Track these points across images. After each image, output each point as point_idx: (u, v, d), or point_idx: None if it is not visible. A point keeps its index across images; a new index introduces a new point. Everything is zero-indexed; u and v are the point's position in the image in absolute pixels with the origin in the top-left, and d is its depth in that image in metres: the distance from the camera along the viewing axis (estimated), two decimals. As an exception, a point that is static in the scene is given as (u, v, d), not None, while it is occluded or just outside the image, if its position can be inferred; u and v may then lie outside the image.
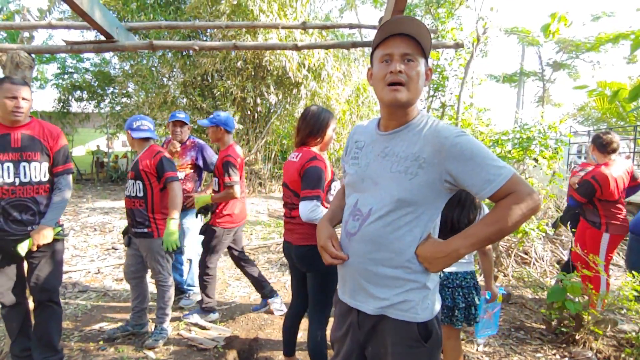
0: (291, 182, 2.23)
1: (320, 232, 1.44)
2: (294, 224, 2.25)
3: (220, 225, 3.14)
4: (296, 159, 2.21)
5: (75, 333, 3.04)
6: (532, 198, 1.15)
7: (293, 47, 3.03)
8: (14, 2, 13.72)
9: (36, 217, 2.31)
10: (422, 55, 1.24)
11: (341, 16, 19.46)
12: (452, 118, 7.12)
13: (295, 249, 2.25)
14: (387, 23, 1.23)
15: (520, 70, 21.44)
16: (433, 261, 1.21)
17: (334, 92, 10.26)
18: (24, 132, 2.28)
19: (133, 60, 10.95)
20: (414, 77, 1.22)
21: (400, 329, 1.26)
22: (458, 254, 1.19)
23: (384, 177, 1.27)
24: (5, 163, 2.22)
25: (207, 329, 3.12)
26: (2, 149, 2.22)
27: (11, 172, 2.23)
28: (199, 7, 9.02)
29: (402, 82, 1.21)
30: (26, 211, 2.27)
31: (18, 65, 2.61)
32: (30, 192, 2.28)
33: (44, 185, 2.33)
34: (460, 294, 2.15)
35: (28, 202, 2.28)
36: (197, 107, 10.24)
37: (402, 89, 1.21)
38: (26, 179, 2.26)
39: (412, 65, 1.22)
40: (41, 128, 2.35)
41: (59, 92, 14.87)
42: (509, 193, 1.15)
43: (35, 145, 2.29)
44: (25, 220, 2.27)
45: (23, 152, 2.26)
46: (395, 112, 1.28)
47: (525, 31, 18.42)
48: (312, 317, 2.27)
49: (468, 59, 7.21)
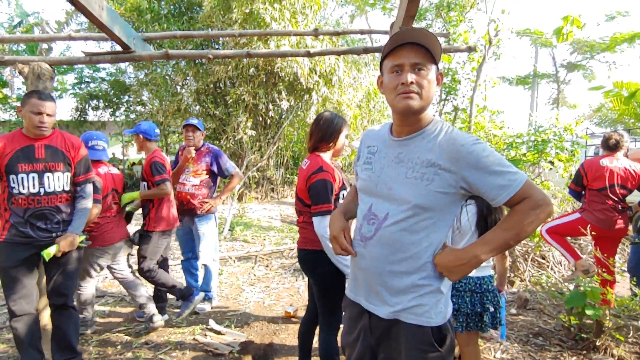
0: (299, 189, 2.23)
1: (334, 223, 1.47)
2: (301, 228, 2.28)
3: (156, 229, 3.22)
4: (305, 166, 2.22)
5: (93, 337, 3.09)
6: (546, 202, 1.17)
7: (305, 53, 3.06)
8: (33, 15, 14.12)
9: (60, 224, 2.37)
10: (432, 62, 1.25)
11: (351, 22, 19.54)
12: (465, 122, 7.06)
13: (299, 252, 2.30)
14: (396, 34, 1.24)
15: (533, 72, 21.18)
16: (453, 269, 1.22)
17: (345, 97, 10.29)
18: (47, 143, 2.35)
19: (147, 69, 11.17)
20: (426, 85, 1.22)
21: (414, 334, 1.26)
22: (478, 260, 1.20)
23: (399, 183, 1.28)
24: (30, 174, 2.29)
25: (222, 333, 3.14)
26: (27, 160, 2.29)
27: (36, 183, 2.30)
28: (212, 16, 9.17)
29: (415, 92, 1.22)
30: (51, 219, 2.34)
31: (39, 77, 2.69)
32: (54, 202, 2.35)
33: (66, 194, 2.41)
34: (489, 298, 2.13)
35: (52, 210, 2.34)
36: (210, 114, 10.38)
37: (415, 97, 1.22)
38: (50, 189, 2.33)
39: (422, 74, 1.23)
40: (63, 139, 2.42)
41: (76, 102, 15.24)
42: (523, 198, 1.17)
43: (57, 156, 2.36)
44: (50, 228, 2.34)
45: (47, 163, 2.33)
46: (408, 118, 1.29)
47: (538, 32, 18.21)
48: (320, 323, 2.27)
49: (480, 62, 7.17)
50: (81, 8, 2.19)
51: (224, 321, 3.42)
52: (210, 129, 10.62)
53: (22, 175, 2.27)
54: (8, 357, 2.78)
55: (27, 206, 2.29)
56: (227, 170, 3.59)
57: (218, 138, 10.25)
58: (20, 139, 2.32)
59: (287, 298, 4.02)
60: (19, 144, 2.30)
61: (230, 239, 6.50)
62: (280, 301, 3.93)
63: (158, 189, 3.13)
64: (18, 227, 2.29)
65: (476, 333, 2.18)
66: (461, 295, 2.15)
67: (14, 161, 2.27)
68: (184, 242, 3.72)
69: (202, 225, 3.55)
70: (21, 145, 2.30)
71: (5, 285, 2.33)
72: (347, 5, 18.33)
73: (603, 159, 3.44)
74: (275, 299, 4.01)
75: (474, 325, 2.12)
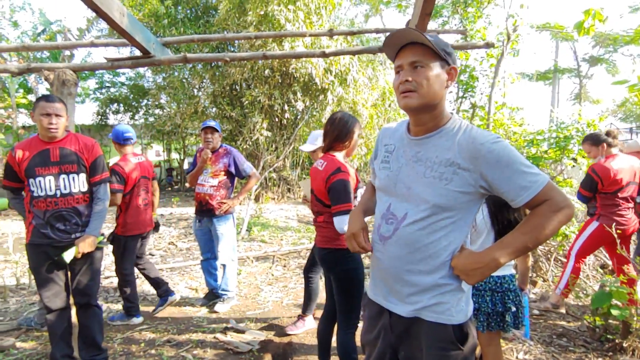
0: (318, 190, 2.26)
1: (353, 221, 1.47)
2: (318, 227, 2.33)
3: (125, 234, 3.32)
4: (321, 167, 2.24)
5: (117, 335, 3.17)
6: (567, 205, 1.15)
7: (321, 54, 3.07)
8: (56, 23, 14.56)
9: (79, 225, 2.44)
10: (434, 58, 1.23)
11: (366, 21, 19.46)
12: (483, 119, 6.95)
13: (318, 251, 2.33)
14: (387, 37, 1.27)
15: (554, 66, 20.68)
16: (470, 272, 1.21)
17: (360, 96, 10.25)
18: (61, 146, 2.42)
19: (165, 73, 11.38)
20: (423, 82, 1.22)
21: (435, 332, 1.25)
22: (496, 264, 1.19)
23: (417, 182, 1.27)
24: (46, 177, 2.36)
25: (242, 332, 3.18)
26: (43, 163, 2.37)
27: (52, 185, 2.37)
28: (227, 19, 9.28)
29: (412, 90, 1.23)
30: (69, 221, 2.41)
31: (64, 83, 2.79)
32: (71, 203, 2.42)
33: (83, 195, 2.47)
34: (510, 298, 2.10)
35: (70, 212, 2.41)
36: (227, 116, 10.49)
37: (413, 95, 1.23)
38: (66, 191, 2.40)
39: (420, 71, 1.22)
40: (77, 141, 2.49)
41: (97, 106, 15.64)
42: (544, 200, 1.16)
43: (72, 158, 2.43)
44: (68, 229, 2.41)
45: (62, 165, 2.39)
46: (417, 117, 1.29)
47: (558, 27, 17.76)
48: (338, 321, 2.28)
49: (498, 58, 7.04)
50: (103, 15, 2.26)
51: (243, 320, 3.47)
52: (227, 131, 10.75)
53: (40, 179, 2.35)
54: (37, 353, 2.88)
55: (46, 208, 2.37)
56: (245, 171, 3.64)
57: (234, 139, 10.36)
58: (37, 144, 2.40)
59: (305, 298, 4.04)
60: (36, 149, 2.39)
61: (248, 239, 6.57)
62: (298, 300, 3.95)
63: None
64: (40, 229, 2.38)
65: (498, 333, 2.15)
66: (481, 294, 2.12)
67: (31, 165, 2.36)
68: (202, 242, 3.78)
69: (221, 226, 3.60)
70: (37, 150, 2.38)
71: (38, 284, 2.43)
72: (361, 4, 18.27)
73: (612, 162, 3.31)
74: (293, 298, 4.04)
75: (495, 325, 2.09)
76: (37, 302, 3.26)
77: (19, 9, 14.82)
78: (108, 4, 2.27)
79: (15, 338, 3.09)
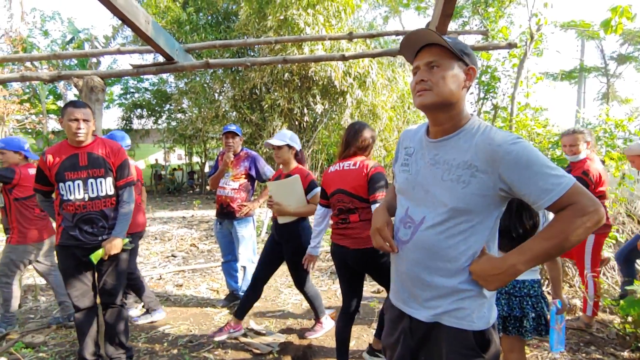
0: (357, 186, 2.35)
1: (378, 216, 1.46)
2: (351, 229, 2.38)
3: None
4: (355, 166, 2.40)
5: (142, 335, 3.25)
6: (595, 210, 1.08)
7: (340, 57, 3.08)
8: (83, 32, 15.11)
9: (105, 228, 2.52)
10: (452, 58, 1.23)
11: (385, 23, 19.39)
12: (506, 120, 6.81)
13: (352, 253, 2.38)
14: (405, 40, 1.29)
15: (580, 66, 20.09)
16: (488, 278, 1.18)
17: (379, 99, 10.22)
18: (89, 151, 2.50)
19: (187, 78, 11.64)
20: (439, 81, 1.21)
21: (455, 337, 1.23)
22: (515, 271, 1.14)
23: (435, 186, 1.25)
24: (75, 181, 2.45)
25: (262, 334, 3.21)
26: (73, 168, 2.45)
27: (81, 189, 2.45)
28: (247, 24, 9.42)
29: (427, 89, 1.23)
30: (96, 223, 2.49)
31: (92, 89, 2.88)
32: (98, 206, 2.49)
33: (110, 198, 2.54)
34: (529, 303, 2.04)
35: (97, 215, 2.49)
36: (247, 119, 10.63)
37: (426, 93, 1.23)
38: (94, 194, 2.48)
39: (436, 71, 1.22)
40: (103, 145, 2.57)
41: (122, 111, 16.11)
42: (569, 204, 1.09)
43: (99, 162, 2.50)
44: (96, 231, 2.49)
45: (90, 169, 2.47)
46: (434, 116, 1.28)
47: (584, 25, 17.26)
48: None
49: (521, 58, 6.90)
50: (130, 23, 2.33)
51: (263, 322, 3.50)
52: (247, 134, 10.90)
53: (69, 183, 2.43)
54: (66, 350, 2.98)
55: (74, 211, 2.45)
56: (265, 174, 3.68)
57: (254, 143, 10.48)
58: (66, 149, 2.49)
59: (324, 301, 4.04)
60: (65, 154, 2.47)
61: (268, 242, 6.61)
62: (317, 303, 3.96)
63: None
64: (68, 232, 2.46)
65: (520, 339, 2.10)
66: (496, 297, 2.08)
67: (61, 170, 2.44)
68: (223, 244, 3.84)
69: (241, 228, 3.65)
70: (67, 155, 2.47)
71: (67, 284, 2.51)
72: (380, 6, 18.22)
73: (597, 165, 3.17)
74: (312, 301, 4.04)
75: (513, 329, 2.04)
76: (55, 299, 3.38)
77: (49, 19, 15.44)
78: (134, 13, 2.34)
79: (46, 336, 3.21)
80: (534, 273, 2.11)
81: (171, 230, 7.85)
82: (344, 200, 2.40)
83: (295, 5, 8.47)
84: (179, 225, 8.32)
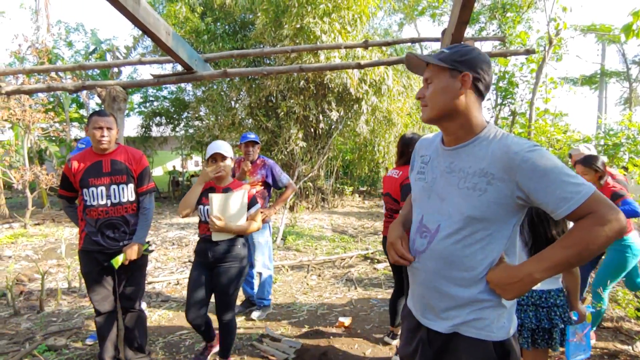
0: (394, 192, 2.89)
1: (392, 231, 1.47)
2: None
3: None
4: (397, 175, 2.91)
5: (159, 339, 3.30)
6: (616, 218, 1.05)
7: (356, 65, 3.11)
8: (105, 42, 15.57)
9: (126, 233, 2.58)
10: (443, 71, 1.26)
11: (400, 30, 19.40)
12: (524, 126, 6.71)
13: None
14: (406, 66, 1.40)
15: (601, 70, 19.63)
16: (506, 287, 1.16)
17: (394, 105, 10.20)
18: (112, 158, 2.58)
19: (205, 87, 11.85)
20: (430, 96, 1.28)
21: (475, 348, 1.21)
22: (532, 279, 1.12)
23: (451, 194, 1.25)
24: (99, 187, 2.52)
25: (278, 341, 3.22)
26: (96, 174, 2.53)
27: (104, 195, 2.52)
28: (264, 33, 9.56)
29: (425, 105, 1.30)
30: (118, 229, 2.55)
31: (115, 99, 2.98)
32: (120, 212, 2.56)
33: (131, 204, 2.61)
34: (557, 314, 1.98)
35: (119, 220, 2.56)
36: (262, 127, 10.74)
37: (425, 109, 1.31)
38: (116, 200, 2.55)
39: (429, 86, 1.29)
40: (126, 153, 2.64)
41: (142, 119, 16.47)
42: (588, 213, 1.07)
43: (122, 169, 2.58)
44: (117, 237, 2.55)
45: (112, 176, 2.55)
46: (441, 127, 1.32)
47: (604, 29, 16.91)
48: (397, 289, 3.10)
49: (540, 63, 6.80)
50: (151, 35, 2.41)
51: (279, 329, 3.51)
52: (263, 142, 11.01)
53: (93, 189, 2.51)
54: (87, 354, 3.05)
55: (97, 217, 2.52)
56: (281, 181, 3.72)
57: (270, 150, 10.58)
58: (91, 156, 2.57)
59: (340, 308, 4.03)
60: (90, 160, 2.55)
61: (284, 248, 6.64)
62: (333, 311, 3.95)
63: None
64: (91, 237, 2.53)
65: (545, 351, 2.05)
66: (524, 309, 2.03)
67: (85, 176, 2.52)
68: (240, 250, 3.87)
69: (258, 235, 3.68)
70: (91, 162, 2.55)
71: (88, 288, 2.58)
72: (395, 13, 18.25)
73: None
74: (328, 308, 4.04)
75: (542, 342, 1.99)
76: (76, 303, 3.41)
77: (73, 30, 15.98)
78: (156, 25, 2.41)
79: (67, 339, 3.29)
80: (557, 282, 2.06)
81: (188, 236, 7.96)
82: (389, 202, 2.96)
83: (312, 14, 8.57)
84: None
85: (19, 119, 9.11)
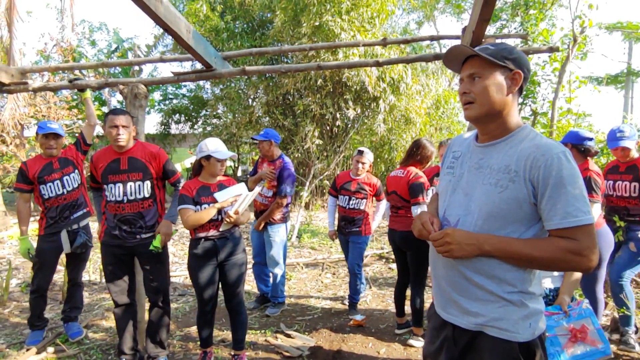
0: (400, 190, 3.18)
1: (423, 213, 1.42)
2: (400, 217, 3.21)
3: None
4: (402, 174, 3.19)
5: (177, 333, 3.36)
6: (590, 259, 1.10)
7: (374, 63, 3.08)
8: (127, 41, 15.89)
9: (142, 228, 2.64)
10: (493, 67, 1.22)
11: (419, 28, 19.17)
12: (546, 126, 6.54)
13: (399, 234, 3.19)
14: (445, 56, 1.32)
15: (627, 69, 18.98)
16: (460, 244, 1.19)
17: (412, 104, 10.09)
18: (130, 155, 2.64)
19: (223, 85, 11.96)
20: (480, 92, 1.23)
21: (499, 348, 1.20)
22: (481, 248, 1.17)
23: (475, 190, 1.25)
24: (117, 184, 2.59)
25: (292, 337, 3.23)
26: (114, 171, 2.60)
27: (120, 192, 2.59)
28: (282, 31, 9.58)
29: (471, 101, 1.25)
30: (134, 224, 2.62)
31: (136, 96, 3.03)
32: (136, 208, 2.62)
33: (147, 200, 2.66)
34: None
35: (135, 216, 2.62)
36: (279, 125, 10.78)
37: (471, 106, 1.25)
38: (132, 197, 2.61)
39: (477, 82, 1.24)
40: (143, 150, 2.70)
41: (161, 116, 16.75)
42: (573, 238, 1.10)
43: (138, 166, 2.63)
44: (134, 231, 2.62)
45: (129, 173, 2.61)
46: (482, 127, 1.30)
47: (631, 26, 16.33)
48: (412, 286, 3.22)
49: (563, 62, 6.62)
50: (172, 32, 2.44)
51: (293, 325, 3.52)
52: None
53: (111, 185, 2.59)
54: (107, 344, 3.13)
55: (115, 212, 2.59)
56: (281, 190, 3.65)
57: (286, 148, 10.61)
58: (110, 153, 2.65)
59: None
60: (109, 158, 2.63)
61: (298, 246, 6.67)
62: (347, 309, 3.94)
63: None
64: (111, 230, 2.61)
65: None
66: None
67: (105, 173, 2.60)
68: (257, 245, 3.92)
69: (274, 233, 3.71)
70: (111, 159, 2.62)
71: (108, 280, 2.65)
72: (414, 11, 18.05)
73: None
74: (342, 306, 4.03)
75: None
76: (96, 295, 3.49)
77: (96, 29, 16.36)
78: (176, 23, 2.45)
79: (88, 329, 3.38)
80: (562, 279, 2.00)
81: None
82: (395, 199, 3.24)
83: (330, 12, 8.54)
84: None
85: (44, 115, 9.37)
